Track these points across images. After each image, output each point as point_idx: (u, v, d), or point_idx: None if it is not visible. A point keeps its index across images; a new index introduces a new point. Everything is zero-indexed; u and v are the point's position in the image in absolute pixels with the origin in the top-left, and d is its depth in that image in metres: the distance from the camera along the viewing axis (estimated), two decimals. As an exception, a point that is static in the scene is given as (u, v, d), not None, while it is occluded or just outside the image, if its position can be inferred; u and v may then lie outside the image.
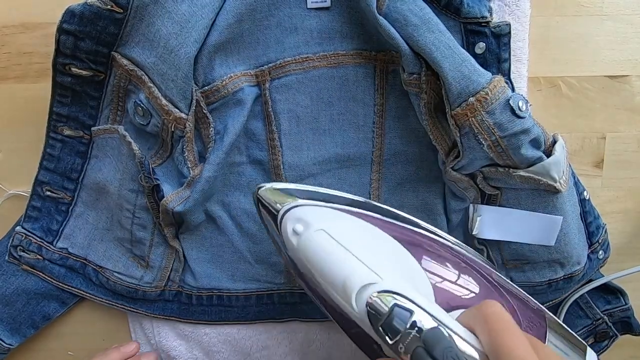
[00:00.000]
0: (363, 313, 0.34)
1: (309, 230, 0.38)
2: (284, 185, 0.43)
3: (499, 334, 0.31)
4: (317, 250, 0.37)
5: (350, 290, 0.35)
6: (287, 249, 0.41)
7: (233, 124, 0.52)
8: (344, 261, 0.36)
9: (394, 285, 0.34)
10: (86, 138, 0.55)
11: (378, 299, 0.34)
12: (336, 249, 0.37)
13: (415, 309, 0.33)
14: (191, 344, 0.57)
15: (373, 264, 0.35)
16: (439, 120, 0.50)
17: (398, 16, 0.47)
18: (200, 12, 0.48)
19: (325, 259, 0.37)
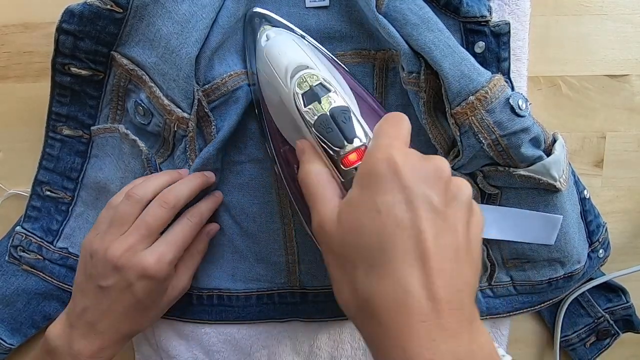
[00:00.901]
0: (293, 87, 0.41)
1: (278, 36, 0.46)
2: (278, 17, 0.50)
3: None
4: (278, 43, 0.45)
5: (290, 69, 0.42)
6: (257, 55, 0.47)
7: (230, 121, 0.52)
8: (294, 49, 0.44)
9: (325, 74, 0.42)
10: (85, 137, 0.55)
11: (309, 76, 0.41)
12: (292, 45, 0.44)
13: (334, 91, 0.40)
14: (191, 343, 0.57)
15: (316, 62, 0.42)
16: (438, 119, 0.50)
17: (397, 15, 0.47)
18: (201, 12, 0.48)
19: (281, 48, 0.44)
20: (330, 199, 0.36)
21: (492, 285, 0.55)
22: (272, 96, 0.46)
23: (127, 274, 0.43)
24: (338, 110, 0.39)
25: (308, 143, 0.40)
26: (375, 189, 0.33)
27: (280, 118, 0.47)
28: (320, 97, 0.40)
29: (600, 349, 0.58)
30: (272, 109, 0.48)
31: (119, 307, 0.45)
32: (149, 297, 0.45)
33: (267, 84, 0.46)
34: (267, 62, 0.44)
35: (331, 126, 0.38)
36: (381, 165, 0.34)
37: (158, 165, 0.52)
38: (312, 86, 0.40)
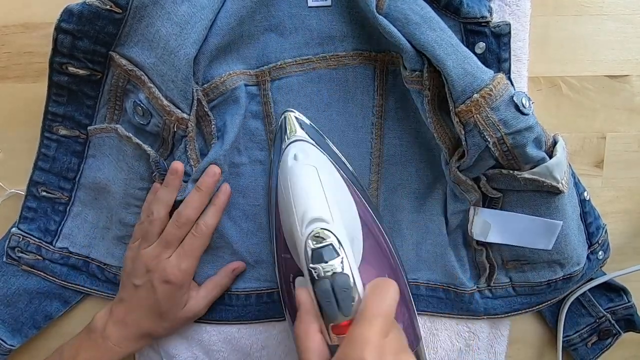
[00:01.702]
0: (305, 236, 0.42)
1: (305, 161, 0.47)
2: (309, 122, 0.51)
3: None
4: (302, 177, 0.45)
5: (308, 216, 0.42)
6: (281, 166, 0.48)
7: (232, 121, 0.52)
8: (316, 195, 0.44)
9: (339, 232, 0.42)
10: (82, 137, 0.55)
11: (323, 231, 0.42)
12: (316, 185, 0.45)
13: (343, 256, 0.41)
14: (191, 342, 0.57)
15: (334, 211, 0.43)
16: (443, 118, 0.49)
17: (399, 15, 0.47)
18: (200, 13, 0.48)
19: (303, 186, 0.45)
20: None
21: (491, 287, 0.55)
22: (285, 215, 0.47)
23: (153, 276, 0.51)
24: (339, 286, 0.40)
25: (308, 297, 0.41)
26: None
27: (288, 234, 0.48)
28: (326, 260, 0.41)
29: (601, 349, 0.58)
30: (283, 220, 0.49)
31: (143, 304, 0.52)
32: (167, 301, 0.52)
33: (284, 202, 0.47)
34: (289, 189, 0.45)
35: (330, 299, 0.39)
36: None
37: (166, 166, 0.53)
38: (322, 246, 0.41)
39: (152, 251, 0.52)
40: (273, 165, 0.52)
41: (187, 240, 0.52)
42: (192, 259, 0.52)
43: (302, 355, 0.39)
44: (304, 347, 0.39)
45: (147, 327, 0.53)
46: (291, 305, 0.51)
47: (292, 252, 0.48)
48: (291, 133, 0.49)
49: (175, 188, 0.52)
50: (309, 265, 0.41)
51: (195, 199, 0.51)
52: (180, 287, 0.52)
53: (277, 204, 0.50)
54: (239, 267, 0.56)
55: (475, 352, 0.57)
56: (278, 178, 0.49)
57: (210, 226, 0.52)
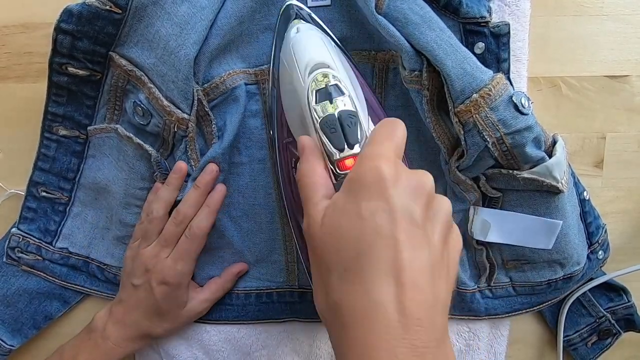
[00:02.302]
0: (309, 82, 0.42)
1: (308, 31, 0.47)
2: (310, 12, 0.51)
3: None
4: (306, 38, 0.46)
5: (311, 63, 0.42)
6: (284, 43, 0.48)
7: (231, 120, 0.52)
8: (319, 46, 0.44)
9: (343, 76, 0.42)
10: (82, 138, 0.55)
11: (327, 74, 0.42)
12: (319, 42, 0.45)
13: (348, 95, 0.41)
14: (191, 342, 0.57)
15: (337, 61, 0.43)
16: (442, 118, 0.49)
17: (398, 15, 0.47)
18: (200, 13, 0.48)
19: (307, 43, 0.45)
20: (320, 200, 0.36)
21: (492, 286, 0.55)
22: (288, 87, 0.47)
23: (151, 277, 0.51)
24: (346, 114, 0.39)
25: (310, 140, 0.40)
26: (361, 195, 0.34)
27: (290, 110, 0.47)
28: (332, 97, 0.40)
29: (601, 349, 0.58)
30: (285, 100, 0.48)
31: (142, 304, 0.52)
32: (166, 302, 0.52)
33: (285, 75, 0.47)
34: (291, 53, 0.45)
35: (336, 127, 0.39)
36: (369, 173, 0.34)
37: (168, 166, 0.53)
38: (327, 85, 0.41)
39: (152, 250, 0.52)
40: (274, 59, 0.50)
41: (181, 243, 0.52)
42: (187, 261, 0.52)
43: (308, 191, 0.37)
44: (310, 182, 0.38)
45: (147, 327, 0.53)
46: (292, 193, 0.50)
47: (295, 132, 0.47)
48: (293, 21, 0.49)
49: (176, 187, 0.52)
50: (312, 105, 0.40)
51: (194, 196, 0.52)
52: (177, 288, 0.52)
53: (279, 89, 0.49)
54: (242, 269, 0.56)
55: (475, 352, 0.57)
56: (280, 59, 0.48)
57: (203, 228, 0.52)
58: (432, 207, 0.34)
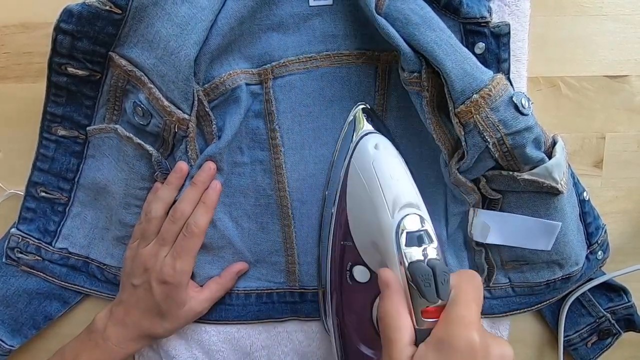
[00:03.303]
0: (398, 220, 0.42)
1: (388, 151, 0.48)
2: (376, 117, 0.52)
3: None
4: (391, 163, 0.46)
5: (402, 200, 0.43)
6: (357, 155, 0.49)
7: (231, 120, 0.52)
8: (408, 182, 0.45)
9: (429, 221, 0.43)
10: (81, 138, 0.55)
11: (419, 217, 0.42)
12: (405, 172, 0.46)
13: (437, 242, 0.42)
14: (191, 343, 0.57)
15: (421, 200, 0.45)
16: (442, 119, 0.49)
17: (399, 15, 0.47)
18: (200, 14, 0.48)
19: (393, 173, 0.45)
20: (405, 345, 0.38)
21: (491, 287, 0.55)
22: (361, 201, 0.47)
23: (150, 277, 0.51)
24: (440, 269, 0.39)
25: (395, 279, 0.41)
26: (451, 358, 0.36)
27: (359, 222, 0.48)
28: (422, 244, 0.41)
29: (601, 349, 0.58)
30: (352, 206, 0.49)
31: (142, 304, 0.52)
32: (166, 301, 0.52)
33: (359, 187, 0.47)
34: (373, 172, 0.46)
35: (430, 281, 0.39)
36: (461, 340, 0.36)
37: (168, 166, 0.53)
38: (420, 230, 0.42)
39: (151, 250, 0.52)
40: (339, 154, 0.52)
41: (179, 241, 0.52)
42: (186, 259, 0.52)
43: (392, 333, 0.39)
44: (395, 325, 0.39)
45: (147, 327, 0.53)
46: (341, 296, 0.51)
47: (358, 240, 0.49)
48: (362, 127, 0.51)
49: (176, 187, 0.52)
50: (402, 247, 0.41)
51: (191, 194, 0.52)
52: (177, 287, 0.52)
53: (345, 191, 0.50)
54: (242, 269, 0.56)
55: (475, 352, 0.57)
56: (353, 168, 0.49)
57: (200, 226, 0.52)
58: None
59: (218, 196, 0.53)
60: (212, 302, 0.55)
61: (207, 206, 0.52)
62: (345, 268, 0.50)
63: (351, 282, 0.50)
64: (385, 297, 0.40)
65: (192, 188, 0.52)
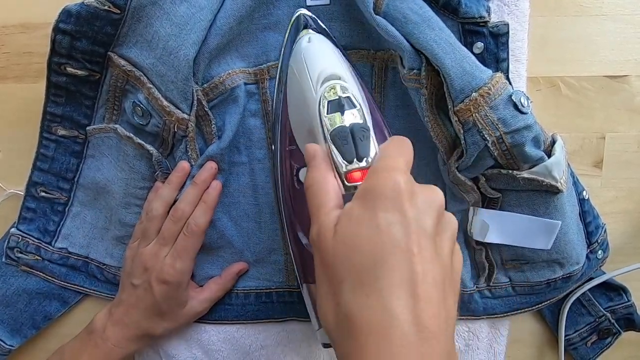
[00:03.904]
0: (320, 92, 0.42)
1: (320, 42, 0.47)
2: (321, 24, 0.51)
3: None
4: (319, 48, 0.46)
5: (324, 74, 0.42)
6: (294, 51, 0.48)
7: (230, 120, 0.52)
8: (333, 58, 0.45)
9: (355, 90, 0.43)
10: (81, 138, 0.55)
11: (339, 86, 0.42)
12: (331, 53, 0.46)
13: (359, 108, 0.41)
14: (190, 342, 0.57)
15: (349, 76, 0.44)
16: (440, 117, 0.49)
17: (398, 14, 0.47)
18: (199, 13, 0.48)
19: (320, 53, 0.45)
20: (332, 209, 0.36)
21: (491, 286, 0.55)
22: (295, 96, 0.46)
23: (150, 276, 0.51)
24: (358, 127, 0.39)
25: (320, 149, 0.40)
26: (378, 206, 0.34)
27: (296, 119, 0.47)
28: (344, 109, 0.40)
29: (601, 348, 0.58)
30: (291, 108, 0.48)
31: (142, 304, 0.52)
32: (166, 301, 0.52)
33: (294, 83, 0.46)
34: (302, 62, 0.45)
35: (347, 139, 0.39)
36: (386, 185, 0.34)
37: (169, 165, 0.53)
38: (340, 97, 0.41)
39: (151, 249, 0.52)
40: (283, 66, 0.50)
41: (179, 241, 0.51)
42: (186, 259, 0.52)
43: (319, 198, 0.37)
44: (321, 190, 0.37)
45: (147, 327, 0.53)
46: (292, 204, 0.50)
47: (299, 140, 0.48)
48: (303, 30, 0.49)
49: (177, 187, 0.52)
50: (324, 116, 0.41)
51: (191, 193, 0.52)
52: (177, 287, 0.52)
53: (285, 94, 0.49)
54: (242, 269, 0.57)
55: (475, 352, 0.57)
56: (290, 64, 0.48)
57: (200, 225, 0.52)
58: (442, 222, 0.35)
59: (219, 196, 0.53)
60: (212, 302, 0.55)
61: (207, 206, 0.52)
62: (292, 173, 0.49)
63: (298, 186, 0.49)
64: (311, 167, 0.39)
65: (192, 187, 0.52)
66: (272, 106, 0.53)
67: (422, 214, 0.33)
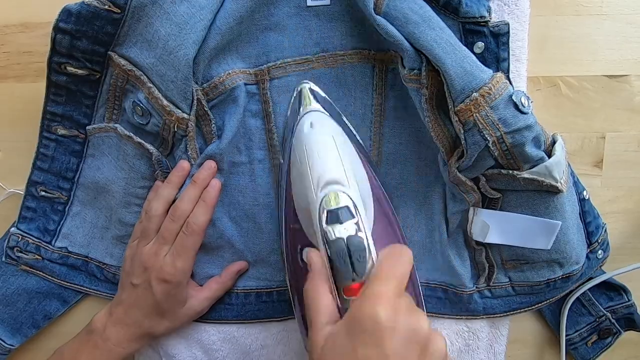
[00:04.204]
0: (320, 198, 0.42)
1: (321, 129, 0.47)
2: (323, 94, 0.52)
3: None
4: (319, 143, 0.45)
5: (324, 178, 0.42)
6: (296, 133, 0.48)
7: (230, 120, 0.52)
8: (333, 159, 0.44)
9: (355, 196, 0.42)
10: (81, 137, 0.55)
11: (340, 194, 0.42)
12: (332, 149, 0.45)
13: (359, 219, 0.41)
14: (190, 342, 0.57)
15: (350, 176, 0.43)
16: (441, 117, 0.49)
17: (398, 14, 0.47)
18: (199, 13, 0.48)
19: (321, 150, 0.44)
20: (323, 327, 0.38)
21: (491, 286, 0.55)
22: (298, 182, 0.47)
23: (150, 275, 0.51)
24: (355, 245, 0.40)
25: (319, 259, 0.41)
26: (358, 339, 0.35)
27: (299, 199, 0.48)
28: (343, 220, 0.41)
29: (602, 348, 0.58)
30: (294, 187, 0.49)
31: (143, 303, 0.52)
32: (166, 300, 0.52)
33: (297, 169, 0.47)
34: (303, 152, 0.45)
35: (345, 259, 0.40)
36: (367, 318, 0.35)
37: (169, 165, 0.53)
38: (339, 208, 0.41)
39: (151, 248, 0.52)
40: (286, 138, 0.51)
41: (179, 239, 0.51)
42: (186, 257, 0.51)
43: (313, 313, 0.39)
44: (315, 305, 0.39)
45: (148, 326, 0.53)
46: (296, 278, 0.51)
47: (303, 221, 0.48)
48: (307, 105, 0.49)
49: (176, 186, 0.52)
50: (323, 226, 0.41)
51: (191, 192, 0.52)
52: (177, 286, 0.52)
53: (289, 173, 0.49)
54: (242, 268, 0.56)
55: (475, 352, 0.57)
56: (292, 147, 0.49)
57: (200, 224, 0.51)
58: (428, 351, 0.36)
59: (218, 195, 0.53)
60: (212, 301, 0.55)
61: (207, 204, 0.52)
62: (296, 252, 0.50)
63: (302, 264, 0.49)
64: (308, 279, 0.41)
65: (192, 186, 0.52)
66: (277, 173, 0.54)
67: (403, 349, 0.35)
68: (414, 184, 0.54)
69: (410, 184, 0.55)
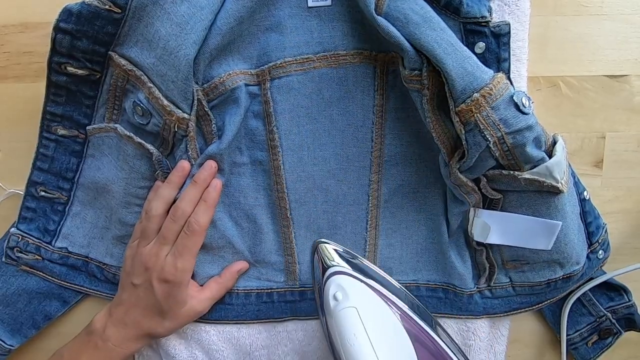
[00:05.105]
0: None
1: (345, 303, 0.49)
2: (341, 248, 0.55)
3: None
4: (346, 326, 0.47)
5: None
6: (325, 306, 0.51)
7: (230, 121, 0.52)
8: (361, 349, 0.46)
9: None
10: (81, 137, 0.55)
11: None
12: (361, 335, 0.47)
13: None
14: (190, 342, 0.57)
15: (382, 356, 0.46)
16: (442, 118, 0.49)
17: (399, 15, 0.47)
18: (200, 13, 0.48)
19: (349, 340, 0.47)
20: None
21: (491, 287, 0.55)
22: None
23: (151, 275, 0.51)
24: None
25: None
26: None
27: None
28: None
29: (602, 348, 0.58)
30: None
31: (143, 303, 0.52)
32: (167, 300, 0.52)
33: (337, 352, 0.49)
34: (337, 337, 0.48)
35: None
36: None
37: (169, 165, 0.53)
38: None
39: (151, 248, 0.52)
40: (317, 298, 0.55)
41: (180, 240, 0.51)
42: (187, 257, 0.52)
43: None
44: None
45: (148, 326, 0.53)
46: None
47: None
48: (330, 261, 0.53)
49: (177, 186, 0.52)
50: None
51: (191, 192, 0.52)
52: (178, 286, 0.52)
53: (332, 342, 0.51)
54: (243, 268, 0.56)
55: (475, 352, 0.57)
56: (326, 318, 0.51)
57: (201, 224, 0.51)
58: None
59: (219, 195, 0.53)
60: (212, 301, 0.55)
61: (207, 204, 0.52)
62: None
63: None
64: None
65: (192, 186, 0.52)
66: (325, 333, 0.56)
67: None
68: (415, 184, 0.54)
69: (412, 184, 0.55)
